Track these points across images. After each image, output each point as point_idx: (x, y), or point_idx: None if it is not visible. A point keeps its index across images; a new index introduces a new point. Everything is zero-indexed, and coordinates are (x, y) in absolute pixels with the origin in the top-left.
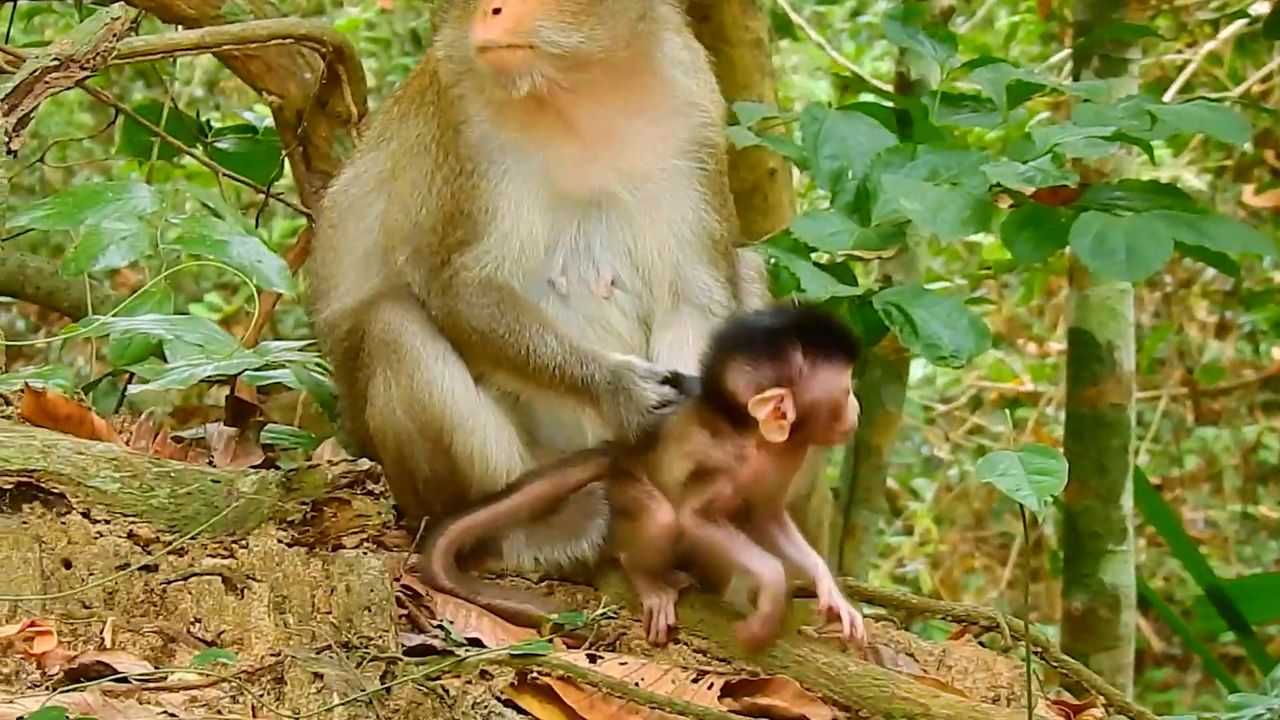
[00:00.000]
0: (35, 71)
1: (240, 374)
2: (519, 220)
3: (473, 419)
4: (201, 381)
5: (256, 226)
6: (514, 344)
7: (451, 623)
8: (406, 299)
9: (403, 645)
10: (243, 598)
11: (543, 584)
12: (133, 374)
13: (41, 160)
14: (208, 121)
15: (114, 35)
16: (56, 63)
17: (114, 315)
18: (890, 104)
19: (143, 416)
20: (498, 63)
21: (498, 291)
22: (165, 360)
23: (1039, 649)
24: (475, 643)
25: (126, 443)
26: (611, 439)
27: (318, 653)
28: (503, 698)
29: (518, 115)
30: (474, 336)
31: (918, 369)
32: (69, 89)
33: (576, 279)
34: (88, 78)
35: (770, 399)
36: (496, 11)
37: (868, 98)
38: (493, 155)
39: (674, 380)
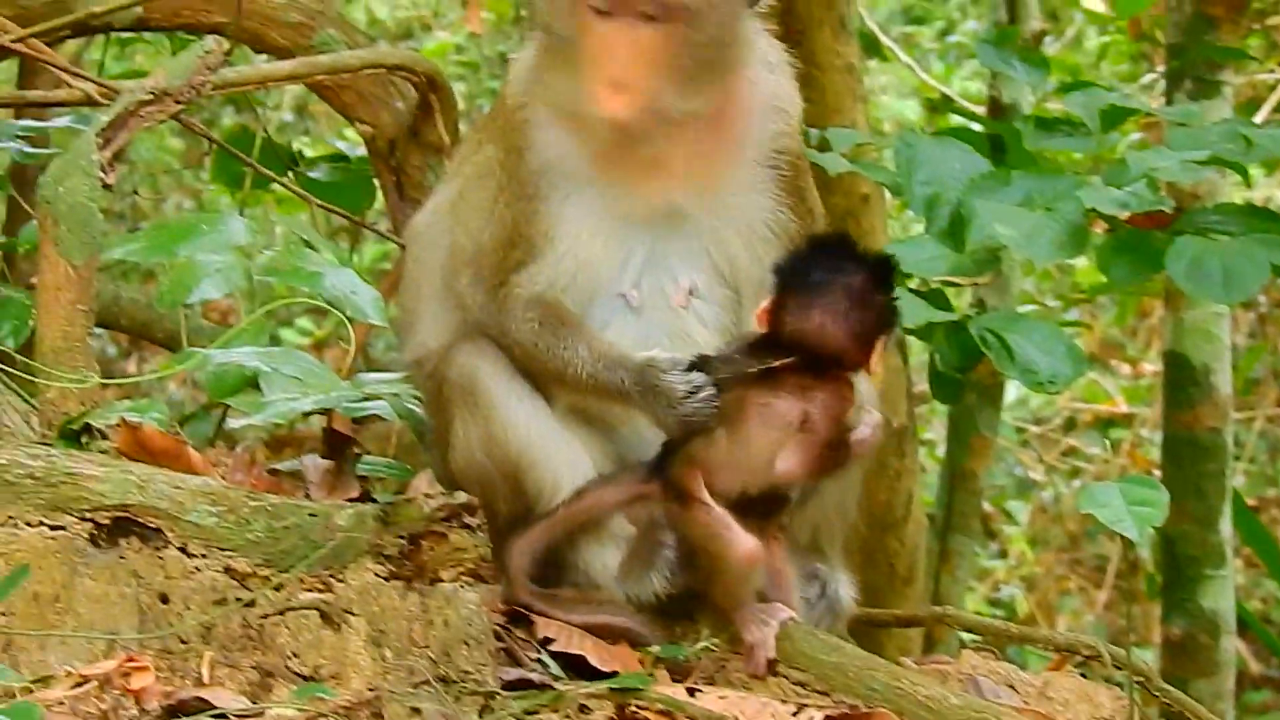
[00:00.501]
0: (129, 105)
1: (337, 407)
2: (578, 243)
3: (548, 457)
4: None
5: (350, 256)
6: (551, 358)
7: (553, 641)
8: (481, 341)
9: (500, 679)
10: (340, 632)
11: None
12: (228, 406)
13: (135, 193)
14: (300, 151)
15: (207, 68)
16: (150, 96)
17: (211, 349)
18: (982, 128)
19: (239, 449)
20: (626, 129)
21: (542, 307)
22: (261, 392)
23: (1141, 679)
24: (578, 663)
25: (223, 476)
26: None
27: (415, 687)
28: None
29: (587, 144)
30: (517, 351)
31: (1011, 391)
32: (163, 122)
33: (650, 292)
34: (181, 111)
35: (880, 348)
36: (618, 84)
37: (958, 120)
38: (555, 181)
39: (701, 364)
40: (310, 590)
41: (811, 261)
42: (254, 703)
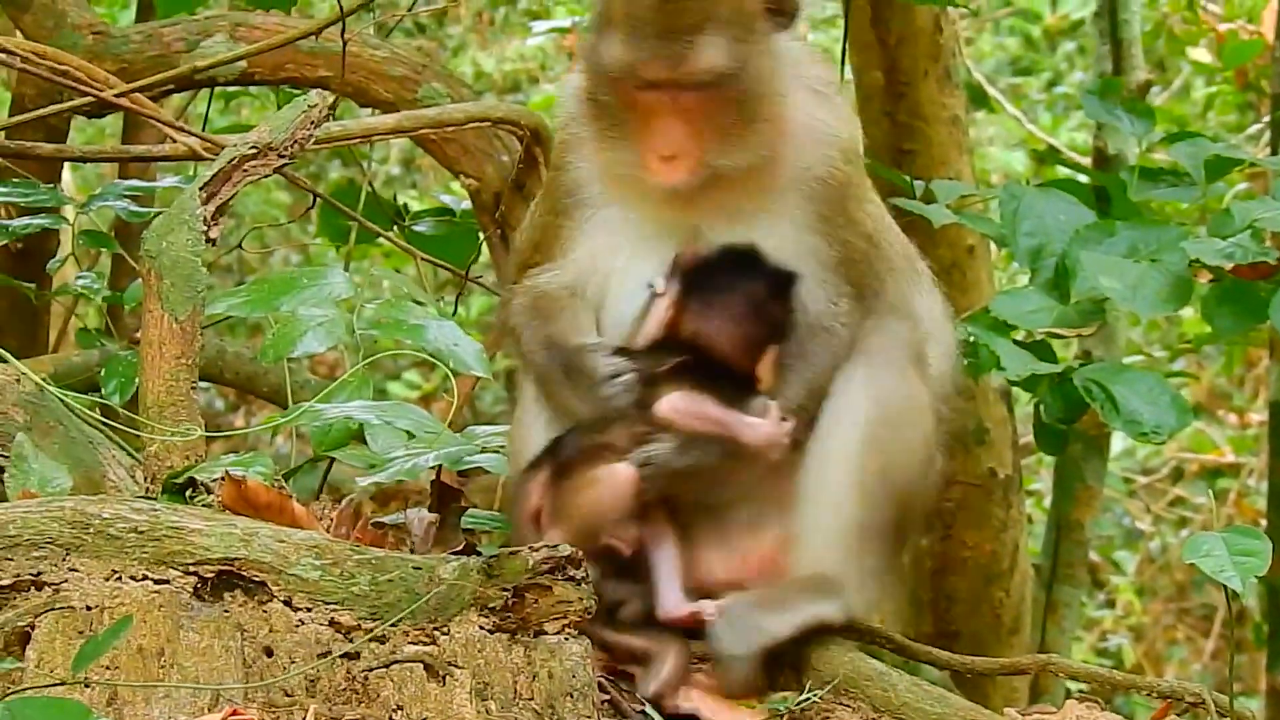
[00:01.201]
0: (233, 159)
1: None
2: (594, 258)
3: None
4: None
5: (456, 309)
6: (521, 346)
7: (662, 698)
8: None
9: None
10: (445, 685)
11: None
12: (333, 459)
13: (240, 247)
14: (405, 205)
15: (311, 123)
16: (254, 151)
17: (315, 402)
18: (1088, 179)
19: (344, 503)
20: (682, 194)
21: (534, 297)
22: (366, 445)
23: None
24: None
25: (327, 529)
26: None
27: None
28: None
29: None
30: (510, 344)
31: (1118, 441)
32: (266, 177)
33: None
34: (286, 165)
35: (769, 356)
36: (670, 154)
37: (1064, 172)
38: (584, 200)
39: (625, 351)
40: (415, 643)
41: (716, 268)
42: None
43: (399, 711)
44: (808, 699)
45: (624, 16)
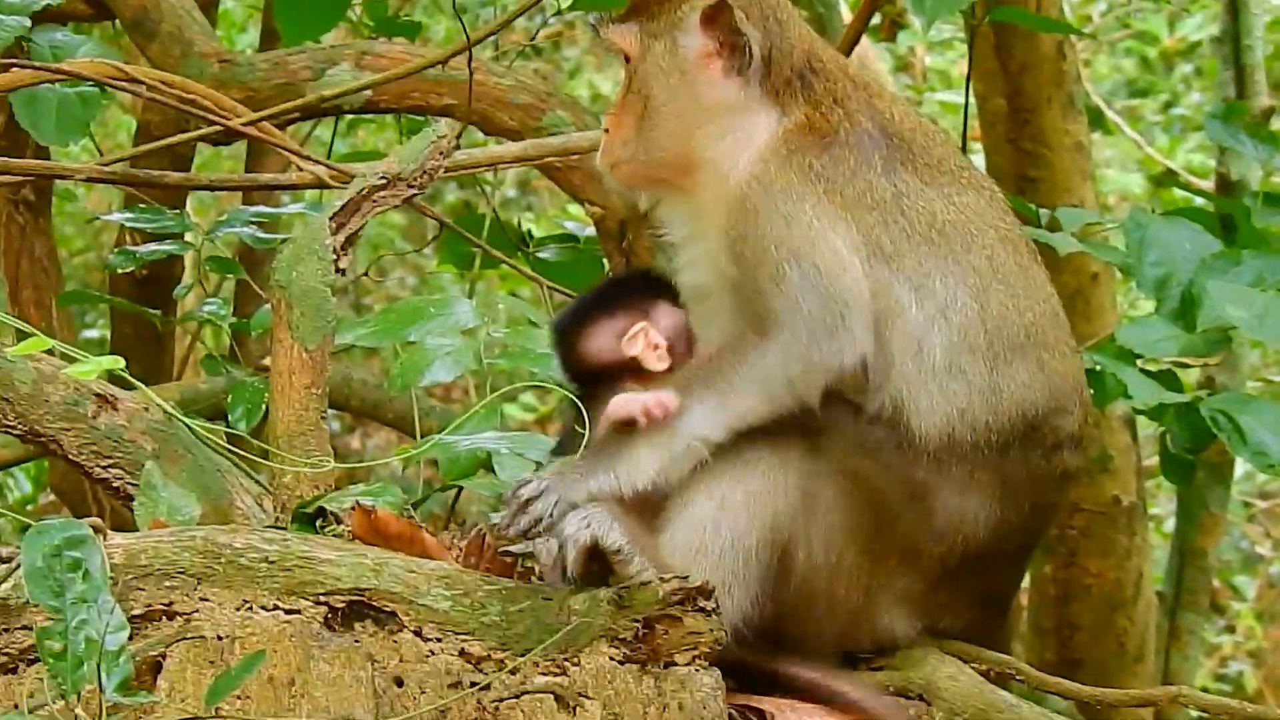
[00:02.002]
0: (362, 190)
1: None
2: None
3: None
4: None
5: None
6: None
7: None
8: None
9: None
10: (575, 716)
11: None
12: (461, 488)
13: (366, 274)
14: (529, 231)
15: (440, 153)
16: (384, 181)
17: (448, 433)
18: (1209, 203)
19: (472, 532)
20: (613, 180)
21: None
22: (494, 473)
23: None
24: None
25: (456, 559)
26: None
27: None
28: None
29: None
30: None
31: (1240, 465)
32: (396, 207)
33: None
34: (415, 195)
35: (637, 334)
36: (607, 131)
37: (1183, 195)
38: None
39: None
40: (545, 674)
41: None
42: None
43: None
44: None
45: None
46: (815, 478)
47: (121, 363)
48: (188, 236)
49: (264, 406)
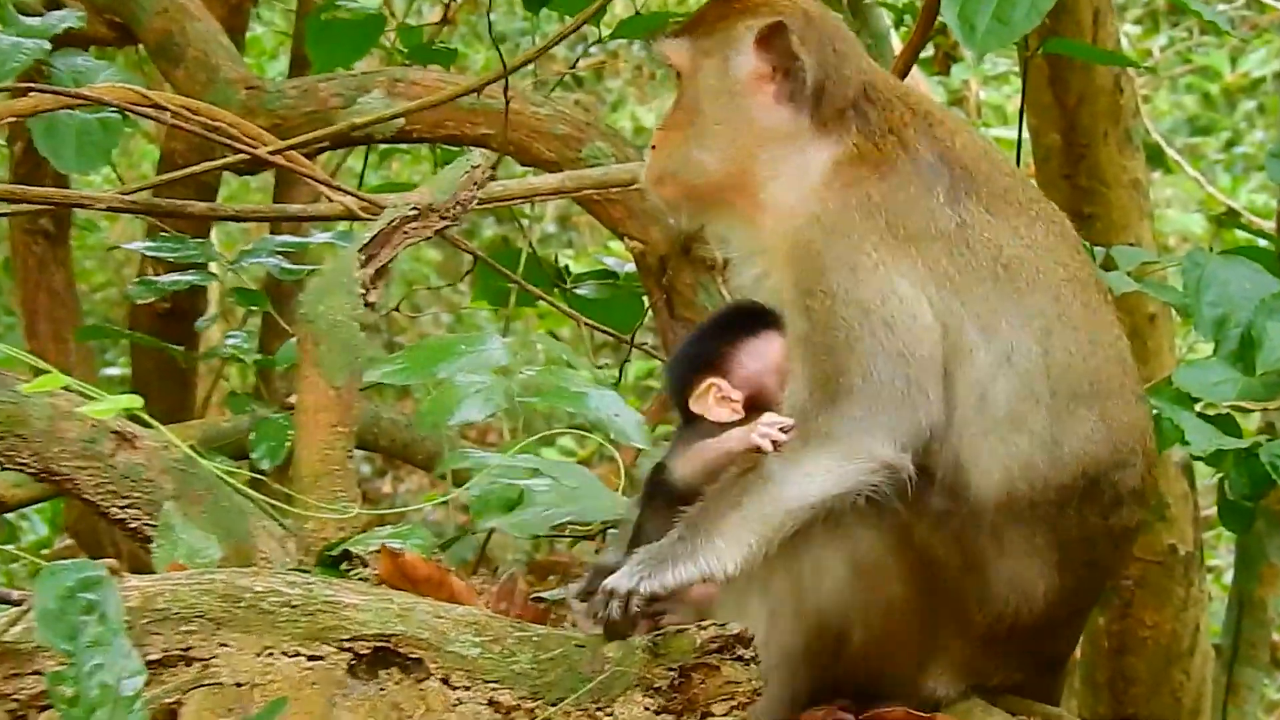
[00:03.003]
0: (393, 221)
1: (606, 531)
2: None
3: None
4: (566, 537)
5: (620, 376)
6: None
7: None
8: None
9: None
10: None
11: None
12: (492, 530)
13: (398, 309)
14: (565, 266)
15: (474, 184)
16: (415, 212)
17: (478, 480)
18: (1271, 244)
19: (502, 576)
20: (657, 197)
21: None
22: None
23: None
24: None
25: (486, 604)
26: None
27: None
28: None
29: None
30: None
31: None
32: (429, 239)
33: None
34: (448, 227)
35: (705, 391)
36: (654, 148)
37: (1245, 236)
38: None
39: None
40: None
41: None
42: None
43: None
44: None
45: None
46: (869, 553)
47: (140, 402)
48: (211, 267)
49: (288, 445)
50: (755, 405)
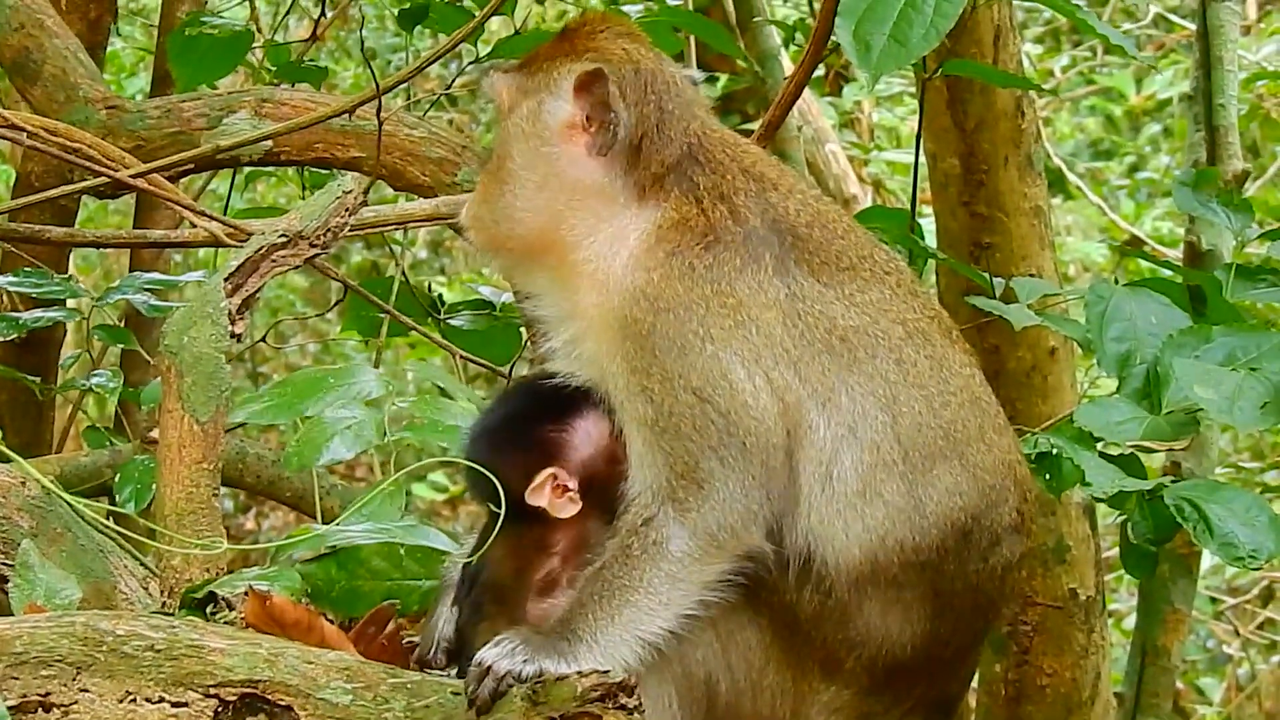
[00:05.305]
0: (261, 249)
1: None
2: None
3: None
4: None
5: None
6: None
7: None
8: None
9: None
10: None
11: None
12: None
13: (264, 340)
14: (440, 296)
15: (346, 209)
16: (284, 239)
17: (341, 520)
18: (1176, 274)
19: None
20: (470, 240)
21: None
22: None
23: None
24: None
25: (359, 650)
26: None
27: None
28: None
29: None
30: None
31: (1207, 558)
32: (297, 268)
33: None
34: (318, 255)
35: (542, 483)
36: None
37: (1149, 266)
38: None
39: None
40: None
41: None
42: None
43: None
44: None
45: None
46: (728, 610)
47: None
48: (74, 303)
49: (154, 485)
50: (591, 494)
